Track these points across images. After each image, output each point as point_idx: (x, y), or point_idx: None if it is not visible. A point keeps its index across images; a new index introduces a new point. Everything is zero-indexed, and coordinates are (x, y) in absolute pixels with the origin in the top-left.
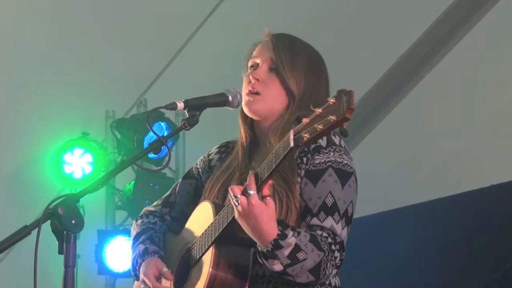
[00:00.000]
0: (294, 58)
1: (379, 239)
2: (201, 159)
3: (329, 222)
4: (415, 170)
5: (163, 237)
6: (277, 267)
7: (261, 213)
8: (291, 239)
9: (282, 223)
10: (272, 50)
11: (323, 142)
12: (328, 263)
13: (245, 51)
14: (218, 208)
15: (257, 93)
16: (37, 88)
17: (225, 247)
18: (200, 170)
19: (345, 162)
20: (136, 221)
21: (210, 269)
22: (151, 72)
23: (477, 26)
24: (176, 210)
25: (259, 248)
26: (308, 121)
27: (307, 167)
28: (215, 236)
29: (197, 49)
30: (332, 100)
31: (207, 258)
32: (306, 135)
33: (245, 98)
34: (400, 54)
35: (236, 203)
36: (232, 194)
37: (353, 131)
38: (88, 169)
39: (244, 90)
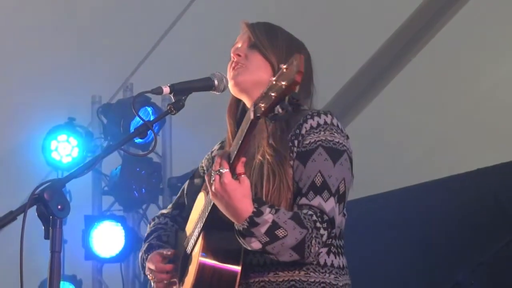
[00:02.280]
0: (272, 36)
1: (364, 223)
2: (206, 158)
3: (317, 200)
4: (401, 154)
5: (174, 235)
6: (255, 245)
7: (234, 191)
8: (268, 216)
9: (258, 201)
10: (248, 30)
11: (314, 122)
12: (313, 240)
13: (232, 34)
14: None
15: (241, 66)
16: (23, 73)
17: (214, 234)
18: (205, 169)
19: (337, 140)
20: (149, 224)
21: (199, 257)
22: (137, 56)
23: (460, 13)
24: (186, 210)
25: (236, 227)
26: (265, 91)
27: (298, 149)
28: (202, 224)
29: (182, 32)
30: (284, 67)
31: (197, 247)
32: (262, 105)
33: (230, 74)
34: (386, 37)
35: (210, 183)
36: (206, 176)
37: (339, 115)
38: (74, 154)
39: (228, 70)
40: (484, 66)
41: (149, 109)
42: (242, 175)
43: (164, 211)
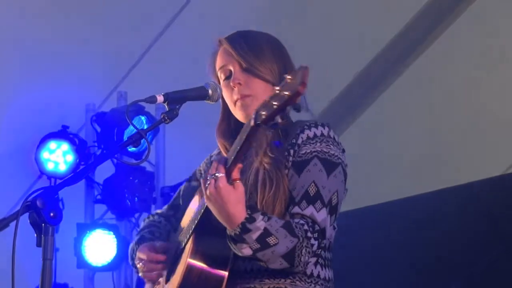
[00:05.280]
0: (257, 51)
1: (357, 234)
2: (204, 161)
3: (309, 210)
4: (393, 166)
5: (166, 235)
6: (246, 251)
7: (228, 196)
8: (260, 223)
9: (251, 207)
10: (234, 54)
11: (310, 133)
12: (303, 250)
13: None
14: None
15: (247, 96)
16: (18, 80)
17: (204, 237)
18: (202, 172)
19: (332, 152)
20: (143, 221)
21: (187, 259)
22: (131, 64)
23: (454, 24)
24: (181, 212)
25: (228, 232)
26: (268, 99)
27: (294, 158)
28: (194, 226)
29: (175, 38)
30: (288, 77)
31: (187, 249)
32: (263, 113)
33: (237, 104)
34: (381, 47)
35: (205, 187)
36: (202, 180)
37: (332, 124)
38: (68, 162)
39: (231, 98)
40: (478, 78)
41: (143, 118)
42: (237, 181)
43: (159, 211)
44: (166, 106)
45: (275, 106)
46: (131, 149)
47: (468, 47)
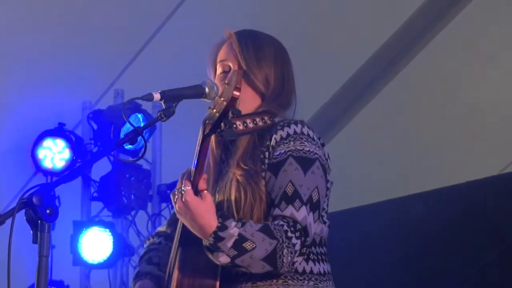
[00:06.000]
0: (259, 56)
1: (350, 235)
2: None
3: (289, 210)
4: (389, 166)
5: (168, 253)
6: (223, 259)
7: (197, 208)
8: (233, 230)
9: (223, 216)
10: (237, 52)
11: (283, 133)
12: (284, 250)
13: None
14: None
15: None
16: (15, 78)
17: (189, 249)
18: None
19: (307, 149)
20: (145, 243)
21: (177, 274)
22: (127, 62)
23: (452, 24)
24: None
25: (203, 243)
26: (212, 108)
27: (269, 161)
28: (177, 241)
29: (171, 36)
30: (226, 83)
31: (176, 264)
32: (208, 122)
33: None
34: (374, 49)
35: (174, 202)
36: (171, 195)
37: (326, 127)
38: (64, 160)
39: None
40: (470, 79)
41: (139, 115)
42: (205, 191)
43: (160, 228)
44: (163, 104)
45: (217, 114)
46: (128, 146)
47: (463, 46)
